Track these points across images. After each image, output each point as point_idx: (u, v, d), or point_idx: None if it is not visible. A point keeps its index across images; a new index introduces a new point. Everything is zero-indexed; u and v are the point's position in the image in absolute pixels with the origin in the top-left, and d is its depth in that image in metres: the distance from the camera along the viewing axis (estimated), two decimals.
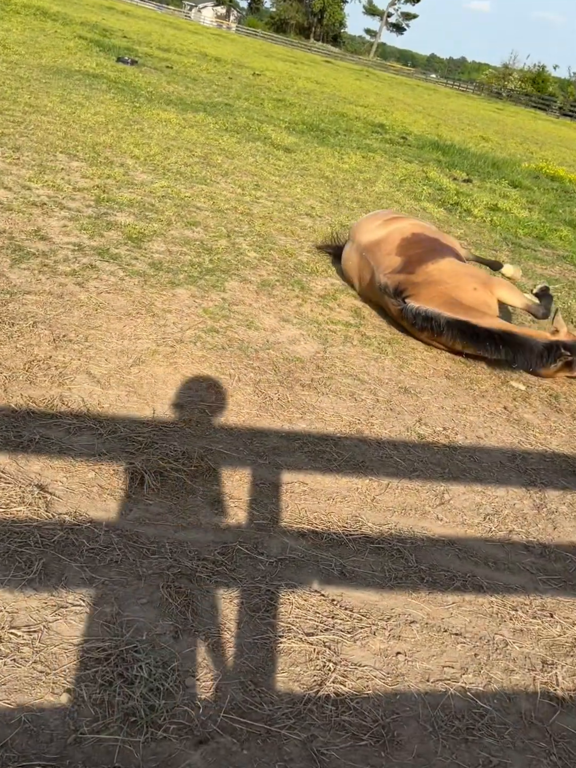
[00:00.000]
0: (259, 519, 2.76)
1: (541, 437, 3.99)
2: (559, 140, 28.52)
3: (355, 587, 2.54)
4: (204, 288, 4.84)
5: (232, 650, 2.15)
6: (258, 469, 3.07)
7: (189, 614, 2.23)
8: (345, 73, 39.00)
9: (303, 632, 2.29)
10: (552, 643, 2.49)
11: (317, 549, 2.69)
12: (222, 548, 2.55)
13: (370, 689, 2.14)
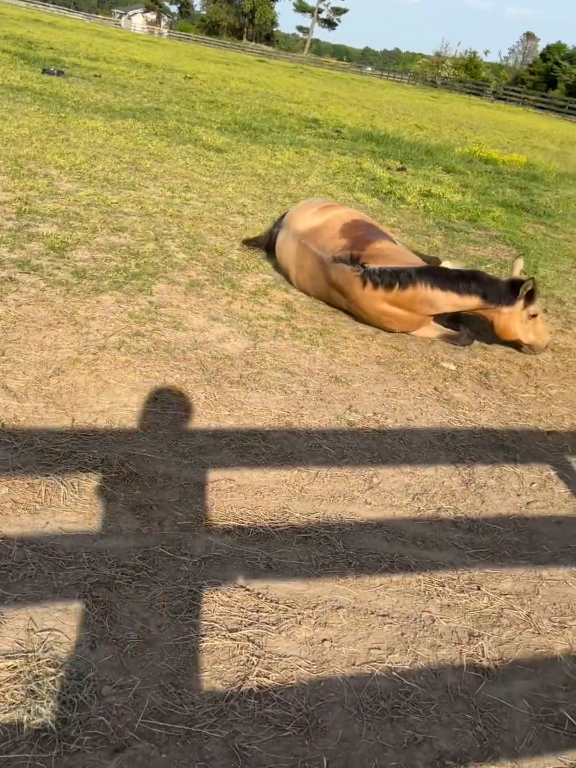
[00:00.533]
0: (183, 520, 2.73)
1: (470, 414, 4.03)
2: (494, 123, 28.95)
3: (282, 579, 2.52)
4: (130, 293, 4.78)
5: (152, 654, 2.12)
6: (183, 470, 3.03)
7: (107, 623, 2.18)
8: (279, 72, 39.03)
9: (226, 629, 2.26)
10: (479, 615, 2.51)
11: (243, 544, 2.67)
12: (143, 553, 2.51)
13: (294, 679, 2.13)
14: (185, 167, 9.18)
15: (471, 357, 4.86)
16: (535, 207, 10.74)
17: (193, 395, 3.66)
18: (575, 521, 3.15)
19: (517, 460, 3.60)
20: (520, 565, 2.80)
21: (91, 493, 2.75)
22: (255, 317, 4.89)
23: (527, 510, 3.18)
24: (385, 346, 4.82)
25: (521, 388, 4.48)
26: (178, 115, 13.70)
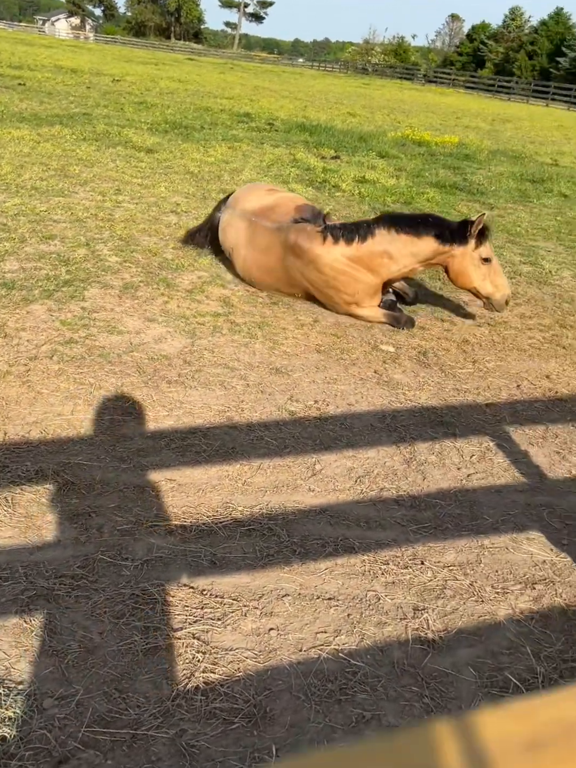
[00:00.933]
0: (123, 525, 2.70)
1: (410, 394, 4.07)
2: (425, 106, 29.24)
3: (226, 573, 2.52)
4: (61, 300, 4.70)
5: (95, 662, 2.09)
6: (121, 474, 3.00)
7: (46, 635, 2.15)
8: (209, 69, 38.79)
9: (171, 628, 2.25)
10: (423, 589, 2.54)
11: (186, 543, 2.65)
12: (82, 561, 2.47)
13: (241, 671, 2.12)
14: (116, 170, 9.06)
15: (409, 338, 4.90)
16: (469, 185, 10.89)
17: (130, 398, 3.62)
18: (514, 489, 3.21)
19: (456, 435, 3.65)
20: (462, 536, 2.84)
21: (25, 506, 2.70)
22: (192, 315, 4.86)
23: (467, 482, 3.23)
24: (325, 334, 4.83)
25: (459, 364, 4.54)
26: (107, 118, 13.52)
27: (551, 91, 46.49)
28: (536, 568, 2.72)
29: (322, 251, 4.86)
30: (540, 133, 22.51)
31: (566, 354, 4.88)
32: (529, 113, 33.15)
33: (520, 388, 4.29)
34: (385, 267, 4.84)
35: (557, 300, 5.97)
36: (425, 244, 4.74)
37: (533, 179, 12.05)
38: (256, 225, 5.31)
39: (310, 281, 5.04)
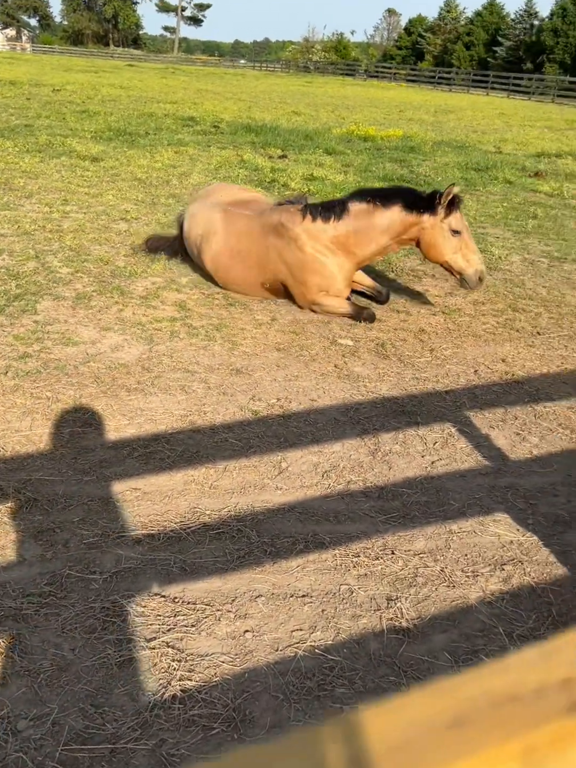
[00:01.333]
0: (90, 538, 2.66)
1: (371, 386, 4.09)
2: (369, 101, 29.46)
3: (197, 579, 2.49)
4: (13, 315, 4.62)
5: (68, 679, 2.05)
6: (85, 487, 2.95)
7: (16, 656, 2.10)
8: (150, 74, 38.50)
9: (144, 639, 2.22)
10: (395, 579, 2.55)
11: (155, 551, 2.62)
12: (50, 578, 2.43)
13: (218, 676, 2.10)
14: (61, 180, 8.93)
15: (367, 330, 4.93)
16: (416, 177, 11.00)
17: (89, 409, 3.57)
18: (478, 472, 3.24)
19: (419, 423, 3.68)
20: (430, 523, 2.86)
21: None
22: (148, 321, 4.81)
23: (432, 469, 3.26)
24: (283, 332, 4.83)
25: (417, 354, 4.58)
26: (49, 128, 13.33)
27: (490, 80, 47.24)
28: (504, 549, 2.75)
29: (300, 231, 4.93)
30: (482, 122, 22.85)
31: (520, 337, 4.96)
32: (470, 103, 33.63)
33: (478, 373, 4.34)
34: (361, 246, 4.89)
35: (508, 285, 6.06)
36: (393, 213, 4.77)
37: (478, 168, 12.22)
38: (232, 213, 5.32)
39: (288, 262, 5.03)
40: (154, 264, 5.97)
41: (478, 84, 48.95)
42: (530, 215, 8.79)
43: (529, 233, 7.90)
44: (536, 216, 8.72)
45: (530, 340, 4.92)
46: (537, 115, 27.87)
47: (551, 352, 4.74)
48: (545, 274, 6.41)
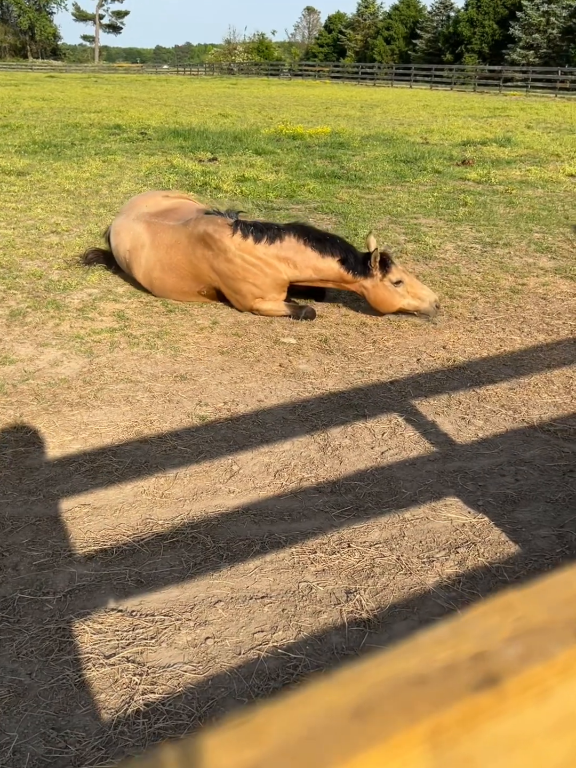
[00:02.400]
0: (40, 558, 2.59)
1: (317, 382, 4.10)
2: (295, 100, 29.58)
3: (154, 590, 2.46)
4: None
5: (27, 704, 1.99)
6: (31, 507, 2.88)
7: None
8: (72, 84, 37.88)
9: (103, 656, 2.17)
10: (353, 572, 2.56)
11: (109, 566, 2.57)
12: (1, 603, 2.36)
13: (182, 686, 2.08)
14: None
15: (309, 327, 4.94)
16: (347, 173, 11.09)
17: (30, 428, 3.49)
18: (427, 459, 3.28)
19: (366, 416, 3.70)
20: (383, 513, 2.88)
21: None
22: (87, 334, 4.73)
23: (382, 459, 3.28)
24: (226, 335, 4.81)
25: (360, 347, 4.61)
26: None
27: (412, 73, 47.99)
28: (457, 532, 2.79)
29: (230, 244, 4.89)
30: (407, 114, 23.18)
31: (459, 323, 5.05)
32: (395, 96, 34.09)
33: (420, 362, 4.40)
34: (289, 273, 4.93)
35: (444, 272, 6.16)
36: (327, 265, 4.86)
37: (407, 159, 12.39)
38: (156, 225, 5.25)
39: (219, 272, 5.01)
40: (88, 275, 5.87)
41: (401, 77, 49.69)
42: (460, 203, 8.96)
43: (460, 221, 8.05)
44: (466, 203, 8.89)
45: (469, 325, 5.01)
46: (460, 104, 28.43)
47: (490, 335, 4.84)
48: (479, 260, 6.54)
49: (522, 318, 5.17)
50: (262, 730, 0.31)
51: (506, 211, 8.60)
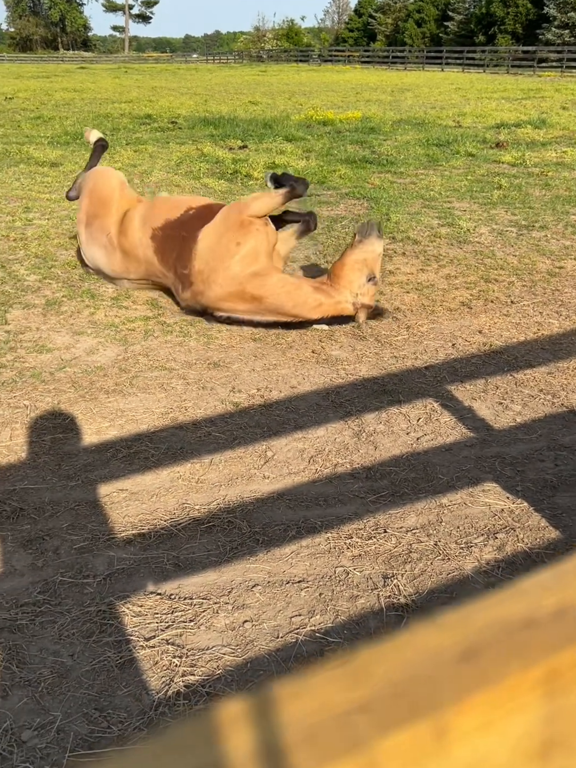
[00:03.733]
0: (80, 542, 2.63)
1: (350, 368, 4.08)
2: (325, 86, 29.35)
3: (192, 574, 2.48)
4: None
5: (70, 685, 2.03)
6: (71, 492, 2.92)
7: (15, 667, 2.07)
8: (102, 75, 38.07)
9: (143, 638, 2.20)
10: (390, 557, 2.55)
11: (147, 550, 2.60)
12: (42, 586, 2.40)
13: (221, 669, 2.09)
14: (21, 188, 8.81)
15: None
16: (378, 157, 10.98)
17: (68, 415, 3.53)
18: (464, 444, 3.25)
19: (401, 401, 3.68)
20: (420, 499, 2.86)
21: None
22: (121, 322, 4.76)
23: (418, 445, 3.26)
24: None
25: (393, 332, 4.58)
26: (5, 137, 13.14)
27: (444, 56, 47.29)
28: (495, 518, 2.76)
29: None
30: (439, 97, 22.86)
31: (495, 307, 4.98)
32: (426, 80, 33.64)
33: (456, 347, 4.35)
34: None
35: (479, 257, 6.08)
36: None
37: (439, 143, 12.22)
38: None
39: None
40: None
41: (433, 60, 48.98)
42: (495, 186, 8.81)
43: (495, 204, 7.92)
44: (501, 186, 8.75)
45: (505, 309, 4.94)
46: (493, 86, 27.95)
47: (527, 319, 4.76)
48: (515, 243, 6.44)
49: (560, 301, 5.08)
50: (368, 671, 0.31)
51: (542, 194, 8.44)
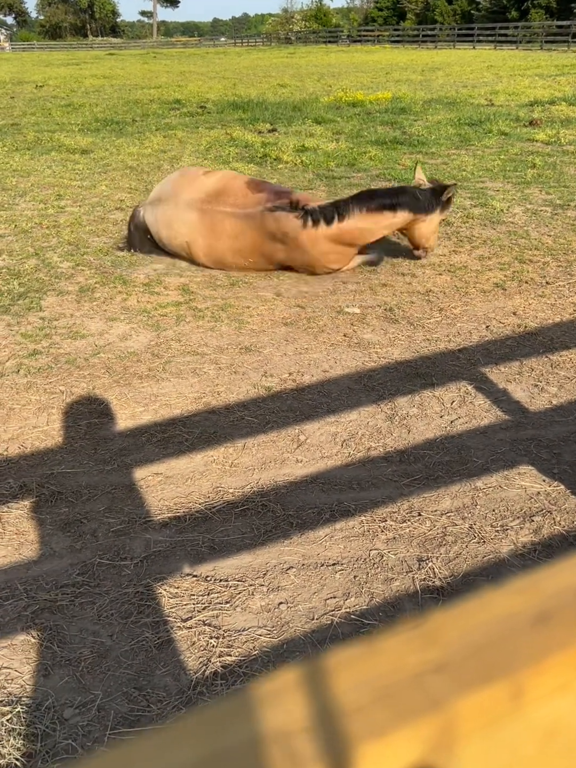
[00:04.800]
0: (117, 525, 2.66)
1: (382, 351, 4.06)
2: (354, 67, 29.03)
3: (227, 556, 2.50)
4: (18, 314, 4.61)
5: (109, 665, 2.06)
6: (107, 476, 2.96)
7: (56, 647, 2.12)
8: (131, 61, 38.13)
9: (180, 619, 2.23)
10: (424, 540, 2.54)
11: (182, 533, 2.63)
12: (81, 568, 2.44)
13: (257, 649, 2.11)
14: (53, 176, 8.88)
15: (373, 296, 4.88)
16: (409, 138, 10.85)
17: (103, 400, 3.57)
18: (499, 427, 3.22)
19: (434, 384, 3.65)
20: (454, 482, 2.85)
21: (14, 523, 2.65)
22: (153, 308, 4.79)
23: (452, 428, 3.24)
24: (289, 306, 4.80)
25: (426, 315, 4.54)
26: (36, 125, 13.25)
27: (476, 33, 46.37)
28: (531, 500, 2.73)
29: (304, 236, 4.97)
30: (471, 76, 22.46)
31: (530, 288, 4.90)
32: (457, 58, 33.05)
33: (490, 329, 4.30)
34: (366, 239, 5.08)
35: (512, 237, 5.98)
36: (402, 219, 5.00)
37: (471, 122, 12.03)
38: (213, 213, 5.17)
39: (299, 260, 5.17)
40: (154, 252, 5.92)
41: (464, 38, 48.08)
42: (529, 165, 8.66)
43: (529, 183, 7.79)
44: (535, 165, 8.59)
45: (540, 290, 4.86)
46: (526, 63, 27.37)
47: (562, 300, 4.69)
48: (549, 223, 6.32)
49: None
50: (441, 633, 0.31)
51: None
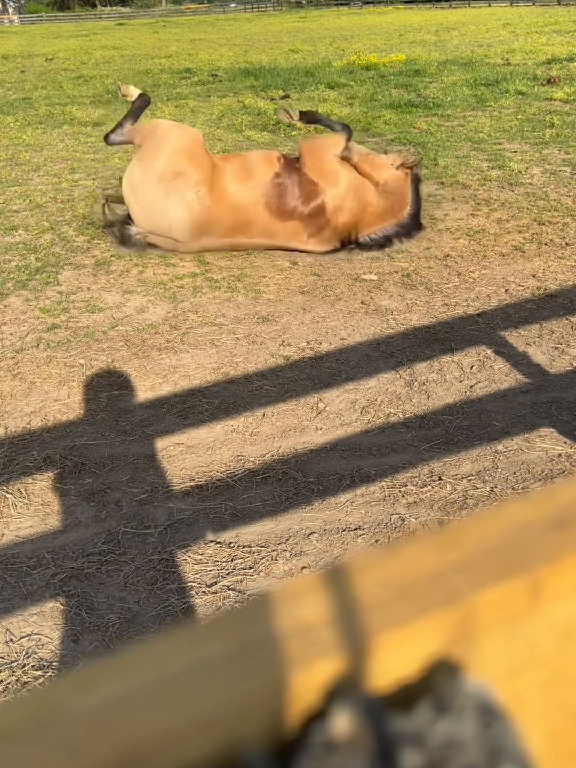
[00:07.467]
0: (140, 495, 2.70)
1: (400, 318, 4.04)
2: (367, 30, 28.45)
3: (249, 523, 2.53)
4: (36, 288, 4.63)
5: (137, 630, 2.11)
6: (129, 447, 2.99)
7: (84, 613, 2.16)
8: (141, 31, 37.66)
9: (205, 585, 2.26)
10: (445, 504, 2.55)
11: (205, 501, 2.66)
12: (106, 537, 2.48)
13: None
14: (66, 150, 8.85)
15: (390, 262, 4.84)
16: (424, 101, 10.65)
17: (123, 372, 3.59)
18: (519, 391, 3.20)
19: (453, 349, 3.63)
20: (474, 446, 2.84)
21: (40, 494, 2.70)
22: (169, 280, 4.79)
23: (472, 393, 3.22)
24: (305, 275, 4.77)
25: (444, 280, 4.49)
26: (48, 99, 13.16)
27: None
28: (552, 462, 2.73)
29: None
30: (486, 35, 21.93)
31: (549, 250, 4.83)
32: (472, 17, 32.26)
33: (509, 292, 4.26)
34: None
35: (531, 198, 5.88)
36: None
37: (487, 83, 11.77)
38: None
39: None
40: None
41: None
42: (547, 125, 8.48)
43: (547, 143, 7.63)
44: (553, 125, 8.41)
45: (560, 252, 4.79)
46: (543, 20, 26.64)
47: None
48: (568, 184, 6.21)
49: None
50: (460, 538, 0.32)
51: None
